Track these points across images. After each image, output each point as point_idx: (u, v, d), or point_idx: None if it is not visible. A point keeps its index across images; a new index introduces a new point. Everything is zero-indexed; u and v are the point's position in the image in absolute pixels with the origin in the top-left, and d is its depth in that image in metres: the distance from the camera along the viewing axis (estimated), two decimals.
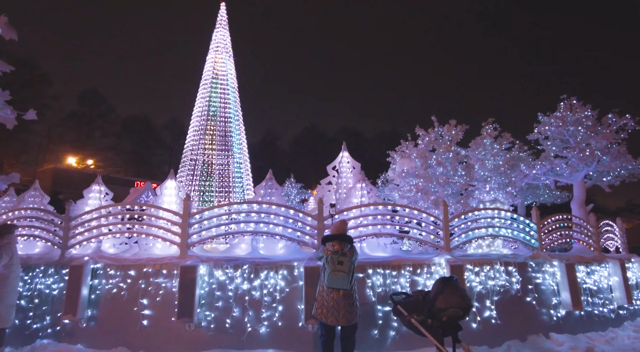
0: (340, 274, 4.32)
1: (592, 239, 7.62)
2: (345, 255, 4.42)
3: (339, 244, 4.49)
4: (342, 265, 4.34)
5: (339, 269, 4.32)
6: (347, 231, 4.78)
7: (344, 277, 4.32)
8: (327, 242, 4.58)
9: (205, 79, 11.76)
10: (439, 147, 9.46)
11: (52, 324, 5.57)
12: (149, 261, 5.60)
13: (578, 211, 12.61)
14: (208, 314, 5.35)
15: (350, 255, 4.46)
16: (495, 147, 11.78)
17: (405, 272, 5.70)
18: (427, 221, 6.17)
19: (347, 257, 4.40)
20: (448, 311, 3.85)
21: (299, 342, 5.27)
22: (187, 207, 5.79)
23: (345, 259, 4.38)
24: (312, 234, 5.86)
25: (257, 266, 5.52)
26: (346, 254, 4.43)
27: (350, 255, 4.46)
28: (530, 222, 6.86)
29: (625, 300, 6.92)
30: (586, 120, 12.58)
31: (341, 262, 4.35)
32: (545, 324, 6.08)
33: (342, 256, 4.39)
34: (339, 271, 4.32)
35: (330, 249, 4.48)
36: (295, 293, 5.44)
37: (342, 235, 4.59)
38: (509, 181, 11.92)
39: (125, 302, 5.47)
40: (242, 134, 11.79)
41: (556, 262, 6.43)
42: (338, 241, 4.52)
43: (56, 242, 6.01)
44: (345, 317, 4.29)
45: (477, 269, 5.95)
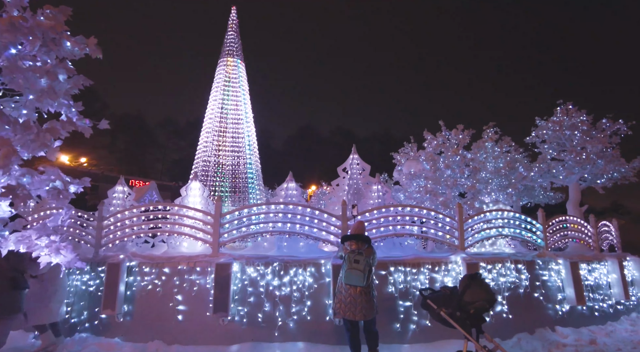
0: (356, 271, 4.60)
1: (591, 239, 8.10)
2: (362, 254, 4.69)
3: (356, 243, 4.83)
4: (358, 263, 4.62)
5: (355, 267, 4.61)
6: (364, 231, 5.10)
7: (359, 274, 4.58)
8: (346, 241, 4.94)
9: (217, 82, 12.01)
10: (447, 151, 9.87)
11: (89, 319, 5.83)
12: (182, 258, 5.88)
13: (573, 212, 13.18)
14: (241, 308, 5.66)
15: (367, 254, 4.72)
16: (496, 150, 12.27)
17: (425, 269, 6.08)
18: (443, 222, 6.56)
19: (363, 256, 4.67)
20: (475, 304, 4.23)
21: (326, 335, 5.61)
22: (219, 207, 6.08)
23: (361, 257, 4.66)
24: (336, 233, 6.20)
25: (287, 263, 5.84)
26: (362, 253, 4.71)
27: (367, 254, 4.72)
28: (536, 222, 7.30)
29: (623, 296, 7.41)
30: (581, 124, 13.15)
31: (357, 261, 4.64)
32: (551, 318, 6.53)
33: (358, 254, 4.69)
34: (355, 269, 4.61)
35: (348, 248, 4.82)
36: (322, 289, 5.78)
37: (359, 235, 4.92)
38: (508, 182, 12.43)
39: (160, 298, 5.75)
40: (252, 135, 12.07)
41: (561, 261, 6.89)
42: (355, 240, 4.85)
43: (90, 242, 6.25)
44: (362, 313, 4.58)
45: (490, 266, 6.37)
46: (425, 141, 11.66)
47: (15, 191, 2.99)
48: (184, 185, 7.81)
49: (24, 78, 3.07)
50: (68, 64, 3.39)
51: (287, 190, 7.48)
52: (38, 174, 3.20)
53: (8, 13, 3.26)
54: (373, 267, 4.84)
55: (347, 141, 54.36)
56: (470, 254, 6.41)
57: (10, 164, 2.98)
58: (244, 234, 6.16)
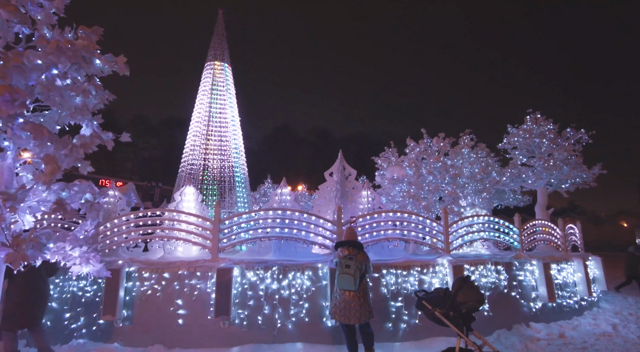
0: (346, 276, 4.84)
1: (560, 241, 8.83)
2: (352, 259, 4.94)
3: (347, 249, 5.10)
4: (349, 268, 4.87)
5: (346, 272, 4.86)
6: (356, 237, 5.38)
7: (349, 279, 4.82)
8: (339, 247, 5.23)
9: (204, 85, 12.02)
10: (429, 157, 10.39)
11: (86, 325, 5.83)
12: (182, 263, 5.99)
13: (541, 214, 14.16)
14: (241, 312, 5.84)
15: (359, 260, 4.96)
16: (472, 156, 12.98)
17: (414, 272, 6.49)
18: (430, 226, 7.00)
19: (354, 261, 4.91)
20: (467, 304, 4.65)
21: (324, 336, 5.89)
22: (218, 213, 6.22)
23: (352, 262, 4.90)
24: (332, 238, 6.50)
25: (285, 267, 6.07)
26: (353, 258, 4.95)
27: (359, 260, 4.96)
28: (513, 226, 7.90)
29: (587, 293, 8.15)
30: (549, 133, 14.15)
31: (348, 266, 4.89)
32: (526, 315, 7.12)
33: (349, 260, 4.94)
34: (346, 274, 4.85)
35: (341, 253, 5.12)
36: (319, 292, 6.06)
37: (351, 241, 5.19)
38: (483, 187, 13.18)
39: (160, 303, 5.84)
40: (239, 138, 12.16)
41: (535, 262, 7.50)
42: (347, 246, 5.13)
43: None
44: (355, 317, 4.82)
45: (473, 268, 6.86)
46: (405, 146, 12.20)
47: (65, 207, 3.06)
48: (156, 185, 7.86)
49: (59, 95, 3.15)
50: (96, 81, 3.48)
51: (281, 195, 7.70)
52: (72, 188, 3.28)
53: (39, 31, 3.32)
54: (367, 273, 5.06)
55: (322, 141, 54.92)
56: (455, 256, 6.88)
57: (54, 180, 3.05)
58: (243, 239, 6.33)
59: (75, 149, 3.17)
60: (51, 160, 2.98)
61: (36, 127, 2.96)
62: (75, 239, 3.17)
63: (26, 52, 3.06)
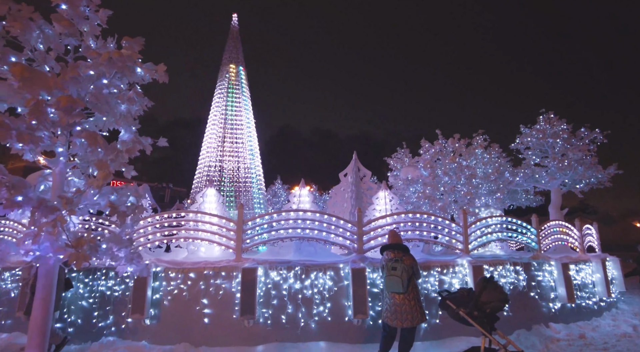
0: (393, 278, 4.87)
1: (577, 241, 8.81)
2: (399, 261, 4.97)
3: (392, 252, 5.15)
4: (396, 270, 4.90)
5: (393, 274, 4.90)
6: (401, 240, 5.41)
7: (397, 281, 4.84)
8: (384, 251, 5.27)
9: (220, 88, 12.20)
10: (444, 158, 10.43)
11: (115, 323, 5.99)
12: (207, 264, 6.13)
13: (555, 214, 14.12)
14: (265, 311, 5.96)
15: (405, 262, 4.98)
16: (485, 156, 12.97)
17: (434, 272, 6.55)
18: (449, 227, 7.06)
19: (400, 263, 4.94)
20: (491, 304, 4.71)
21: (346, 335, 5.98)
22: (241, 215, 6.36)
23: (399, 265, 4.93)
24: (352, 239, 6.59)
25: (308, 267, 6.18)
26: (399, 260, 4.98)
27: (405, 262, 4.98)
28: (531, 227, 7.92)
29: (606, 293, 8.14)
30: (562, 133, 14.09)
31: (394, 268, 4.93)
32: (545, 316, 7.14)
33: (395, 262, 4.98)
34: (393, 276, 4.89)
35: (386, 256, 5.18)
36: (341, 291, 6.16)
37: (396, 244, 5.23)
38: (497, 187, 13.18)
39: (186, 302, 5.98)
40: (254, 140, 12.32)
41: (553, 262, 7.52)
42: (392, 249, 5.20)
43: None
44: (408, 319, 4.82)
45: (492, 268, 6.91)
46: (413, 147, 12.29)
47: (119, 209, 3.22)
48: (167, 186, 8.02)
49: (106, 103, 3.29)
50: (137, 88, 3.63)
51: (299, 196, 7.81)
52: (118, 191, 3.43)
53: (85, 42, 3.47)
54: (415, 276, 5.02)
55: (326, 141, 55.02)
56: (474, 257, 6.93)
57: (104, 185, 3.20)
58: (266, 239, 6.46)
59: (121, 155, 3.32)
60: (103, 165, 3.13)
61: (91, 135, 3.11)
62: (120, 240, 3.32)
63: (79, 63, 3.21)
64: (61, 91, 2.97)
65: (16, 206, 2.75)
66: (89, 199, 3.25)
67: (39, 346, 2.99)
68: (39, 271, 3.17)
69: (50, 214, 2.80)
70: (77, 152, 3.32)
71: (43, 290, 3.08)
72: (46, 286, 3.12)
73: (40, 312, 3.03)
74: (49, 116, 2.94)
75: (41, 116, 2.82)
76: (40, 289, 3.08)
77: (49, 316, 3.11)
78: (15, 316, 6.19)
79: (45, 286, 3.11)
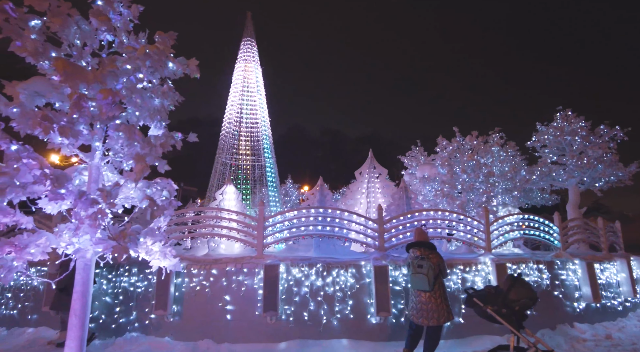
0: (419, 276, 4.80)
1: (600, 240, 8.63)
2: (425, 259, 4.89)
3: (419, 249, 5.08)
4: (422, 268, 4.83)
5: (419, 272, 4.83)
6: (427, 238, 5.29)
7: (422, 279, 4.77)
8: (410, 249, 5.21)
9: (235, 87, 12.25)
10: (462, 156, 10.32)
11: (138, 319, 6.04)
12: (229, 260, 6.14)
13: (573, 213, 13.86)
14: (287, 307, 5.95)
15: (432, 259, 4.89)
16: (501, 154, 12.80)
17: (457, 270, 6.47)
18: (471, 225, 6.98)
19: (426, 261, 4.86)
20: (520, 301, 4.63)
21: (368, 333, 5.94)
22: (262, 212, 6.36)
23: (424, 262, 4.85)
24: (373, 236, 6.55)
25: (329, 264, 6.16)
26: (425, 258, 4.91)
27: (432, 259, 4.89)
28: (553, 225, 7.78)
29: (632, 293, 7.96)
30: (581, 130, 13.83)
31: (420, 266, 4.86)
32: (569, 315, 7.00)
33: (421, 260, 4.90)
34: (419, 273, 4.82)
35: (412, 254, 5.13)
36: (363, 289, 6.12)
37: (422, 242, 5.15)
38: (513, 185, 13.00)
39: (209, 299, 6.00)
40: (270, 138, 12.34)
41: (577, 261, 7.37)
42: (418, 247, 5.13)
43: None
44: (434, 318, 4.77)
45: (515, 266, 6.80)
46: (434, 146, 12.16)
47: (157, 203, 3.25)
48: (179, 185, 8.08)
49: (140, 98, 3.32)
50: (169, 83, 3.66)
51: (320, 194, 7.79)
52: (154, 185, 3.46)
53: (118, 37, 3.51)
54: (441, 275, 4.94)
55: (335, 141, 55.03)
56: (497, 255, 6.84)
57: (141, 178, 3.23)
58: (287, 236, 6.46)
59: (155, 149, 3.34)
60: (141, 159, 3.16)
61: (129, 128, 3.14)
62: (153, 234, 3.34)
63: (115, 57, 3.25)
64: (100, 85, 3.00)
65: (60, 199, 2.79)
66: (125, 193, 3.29)
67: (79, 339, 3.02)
68: (77, 265, 3.21)
69: (90, 207, 2.83)
70: (113, 146, 3.35)
71: (82, 284, 3.11)
72: (84, 279, 3.14)
73: (80, 305, 3.06)
74: (90, 109, 2.97)
75: (82, 109, 2.85)
76: (79, 283, 3.12)
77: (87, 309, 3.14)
78: (41, 311, 6.30)
79: (83, 280, 3.13)
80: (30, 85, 2.85)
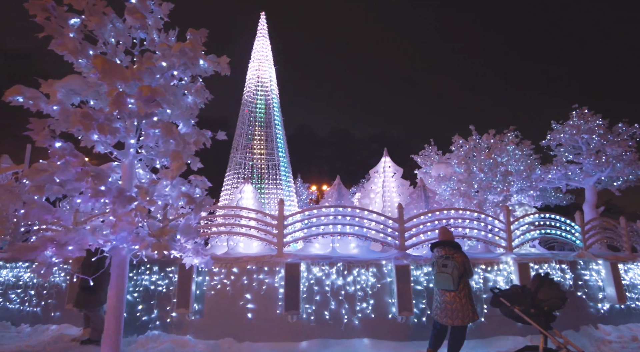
0: (444, 275, 4.74)
1: (622, 239, 8.46)
2: (449, 259, 4.82)
3: (443, 249, 5.01)
4: (446, 268, 4.76)
5: (443, 271, 4.76)
6: (452, 237, 5.21)
7: (447, 278, 4.71)
8: (434, 248, 5.14)
9: (248, 86, 12.28)
10: (478, 154, 10.20)
11: (159, 317, 6.07)
12: (250, 258, 6.14)
13: (590, 213, 13.63)
14: (308, 306, 5.93)
15: (457, 259, 4.82)
16: (517, 153, 12.64)
17: (478, 269, 6.40)
18: (492, 224, 6.89)
19: (451, 261, 4.79)
20: (549, 301, 4.55)
21: (390, 332, 5.90)
22: (281, 210, 6.35)
23: (449, 262, 4.78)
24: (394, 235, 6.50)
25: (350, 263, 6.12)
26: (450, 258, 4.83)
27: (457, 259, 4.82)
28: (575, 224, 7.64)
29: None
30: (598, 128, 13.59)
31: (445, 265, 4.79)
32: (593, 316, 6.87)
33: (446, 259, 4.84)
34: (443, 273, 4.75)
35: (437, 253, 5.06)
36: (384, 288, 6.07)
37: (447, 241, 5.07)
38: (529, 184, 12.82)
39: (230, 297, 6.00)
40: (284, 138, 12.35)
41: (601, 261, 7.23)
42: (442, 246, 5.05)
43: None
44: (459, 318, 4.70)
45: (537, 266, 6.70)
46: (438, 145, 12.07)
47: (195, 200, 3.26)
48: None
49: (173, 95, 3.33)
50: (200, 81, 3.66)
51: (338, 194, 7.76)
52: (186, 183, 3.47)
53: (149, 35, 3.53)
54: (467, 275, 4.86)
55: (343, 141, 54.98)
56: (519, 254, 6.74)
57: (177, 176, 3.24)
58: (307, 235, 6.44)
59: (188, 146, 3.34)
60: (178, 156, 3.16)
61: (167, 126, 3.14)
62: (187, 231, 3.34)
63: (151, 54, 3.26)
64: (137, 82, 3.01)
65: (100, 195, 2.80)
66: (160, 190, 3.29)
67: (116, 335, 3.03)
68: (112, 262, 3.22)
69: (127, 203, 2.84)
70: (146, 144, 3.36)
71: (117, 280, 3.13)
72: (120, 276, 3.16)
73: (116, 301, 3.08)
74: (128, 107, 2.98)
75: (122, 107, 2.86)
76: (114, 279, 3.13)
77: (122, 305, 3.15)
78: (64, 308, 6.36)
79: (119, 276, 3.15)
80: (67, 84, 2.87)
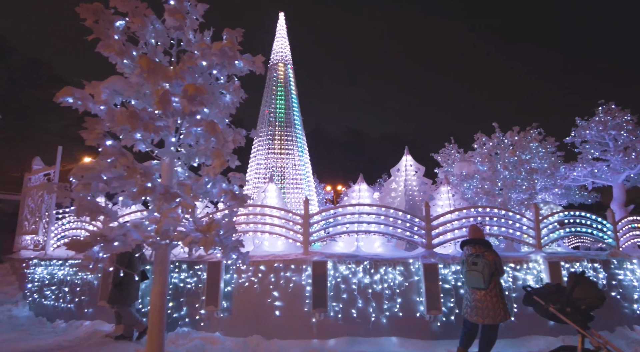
0: (474, 273, 4.68)
1: None
2: (480, 257, 4.76)
3: (473, 247, 4.94)
4: (476, 265, 4.69)
5: (473, 269, 4.70)
6: (482, 235, 5.16)
7: (477, 276, 4.65)
8: (465, 246, 5.08)
9: (268, 87, 12.39)
10: (502, 152, 10.03)
11: (189, 314, 6.17)
12: (277, 257, 6.19)
13: (619, 211, 13.22)
14: (335, 305, 5.94)
15: (487, 257, 4.74)
16: (540, 150, 12.36)
17: (507, 268, 6.28)
18: (520, 222, 6.76)
19: (481, 259, 4.72)
20: (587, 300, 4.42)
21: (418, 331, 5.85)
22: (307, 209, 6.38)
23: (479, 260, 4.72)
24: (420, 234, 6.45)
25: (376, 262, 6.10)
26: (480, 256, 4.77)
27: (487, 257, 4.74)
28: (606, 222, 7.43)
29: None
30: (626, 124, 13.17)
31: (475, 263, 4.72)
32: (629, 317, 6.65)
33: (476, 257, 4.77)
34: (474, 271, 4.69)
35: (466, 251, 5.01)
36: (412, 287, 6.03)
37: (477, 239, 5.01)
38: (554, 182, 12.53)
39: (258, 295, 6.06)
40: (303, 138, 12.40)
41: (635, 261, 7.01)
42: (472, 244, 5.00)
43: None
44: (490, 316, 4.62)
45: (568, 265, 6.53)
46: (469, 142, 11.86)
47: (237, 196, 3.33)
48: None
49: (211, 94, 3.40)
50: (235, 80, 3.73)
51: (359, 191, 7.75)
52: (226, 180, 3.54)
53: (186, 35, 3.61)
54: (497, 274, 4.79)
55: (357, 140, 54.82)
56: (549, 252, 6.59)
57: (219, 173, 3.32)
58: (333, 233, 6.45)
59: (227, 145, 3.40)
60: (219, 154, 3.23)
61: (210, 124, 3.21)
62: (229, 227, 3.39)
63: (192, 54, 3.34)
64: (180, 81, 3.09)
65: (148, 193, 2.88)
66: (201, 187, 3.36)
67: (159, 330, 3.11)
68: (155, 258, 3.30)
69: (172, 200, 2.91)
70: (186, 142, 3.44)
71: (159, 275, 3.21)
72: (162, 271, 3.24)
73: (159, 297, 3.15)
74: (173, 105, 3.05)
75: (168, 105, 2.93)
76: (157, 274, 3.21)
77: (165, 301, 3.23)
78: (97, 305, 6.53)
79: (161, 272, 3.23)
80: (110, 84, 2.96)
